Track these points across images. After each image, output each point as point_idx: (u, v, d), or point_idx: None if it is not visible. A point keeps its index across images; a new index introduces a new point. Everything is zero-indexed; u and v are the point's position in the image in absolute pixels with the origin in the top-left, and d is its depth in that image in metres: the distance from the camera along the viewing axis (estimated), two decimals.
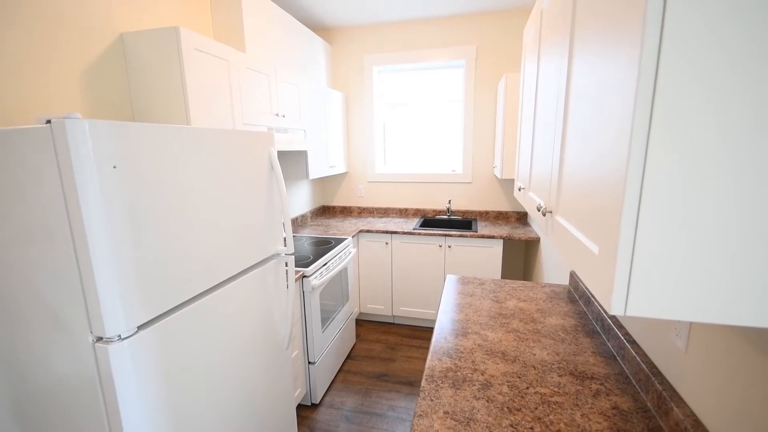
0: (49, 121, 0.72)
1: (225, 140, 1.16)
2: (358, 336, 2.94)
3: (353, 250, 2.62)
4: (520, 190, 1.40)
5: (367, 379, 2.39)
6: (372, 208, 3.53)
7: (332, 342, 2.34)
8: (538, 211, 0.95)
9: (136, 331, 0.86)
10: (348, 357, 2.65)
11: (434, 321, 2.94)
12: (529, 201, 1.22)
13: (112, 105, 1.51)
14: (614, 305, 0.48)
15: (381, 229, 2.90)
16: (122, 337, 0.83)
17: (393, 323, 3.13)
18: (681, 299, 0.46)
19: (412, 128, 3.41)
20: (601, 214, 0.54)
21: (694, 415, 0.80)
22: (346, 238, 2.60)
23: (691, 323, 0.83)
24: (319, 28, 3.23)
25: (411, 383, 2.35)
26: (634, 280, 0.47)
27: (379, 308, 3.07)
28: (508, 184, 3.19)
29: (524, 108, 1.41)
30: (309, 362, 2.10)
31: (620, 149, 0.47)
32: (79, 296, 0.79)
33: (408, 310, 3.00)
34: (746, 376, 0.67)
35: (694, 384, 0.82)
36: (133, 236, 0.84)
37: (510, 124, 2.58)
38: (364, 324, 3.13)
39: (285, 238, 1.49)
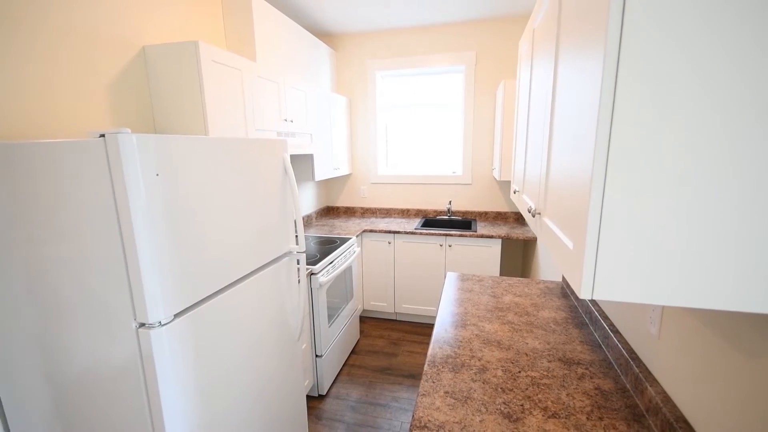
0: (102, 135, 0.84)
1: (245, 148, 1.27)
2: (362, 332, 3.05)
3: (357, 249, 2.73)
4: (515, 192, 1.51)
5: (370, 373, 2.50)
6: (375, 208, 3.64)
7: (338, 337, 2.46)
8: (529, 212, 1.06)
9: (173, 319, 0.97)
10: (352, 352, 2.76)
11: (435, 318, 3.04)
12: (522, 203, 1.33)
13: (135, 114, 1.62)
14: (583, 290, 0.60)
15: (384, 229, 3.01)
16: (162, 323, 0.94)
17: (395, 320, 3.24)
18: (634, 285, 0.57)
19: (414, 131, 3.52)
20: (575, 215, 0.65)
21: (664, 392, 0.92)
22: (350, 238, 2.71)
23: (663, 309, 0.94)
24: (324, 34, 3.34)
25: (413, 376, 2.46)
26: (598, 269, 0.58)
27: (382, 305, 3.18)
28: (506, 185, 3.30)
29: (519, 115, 1.52)
30: (316, 355, 2.22)
31: (586, 160, 0.58)
32: (125, 288, 0.91)
33: (410, 308, 3.12)
34: (708, 356, 0.78)
35: (665, 365, 0.93)
36: (171, 235, 0.96)
37: (508, 129, 2.69)
38: (367, 321, 3.25)
39: (297, 236, 1.60)
